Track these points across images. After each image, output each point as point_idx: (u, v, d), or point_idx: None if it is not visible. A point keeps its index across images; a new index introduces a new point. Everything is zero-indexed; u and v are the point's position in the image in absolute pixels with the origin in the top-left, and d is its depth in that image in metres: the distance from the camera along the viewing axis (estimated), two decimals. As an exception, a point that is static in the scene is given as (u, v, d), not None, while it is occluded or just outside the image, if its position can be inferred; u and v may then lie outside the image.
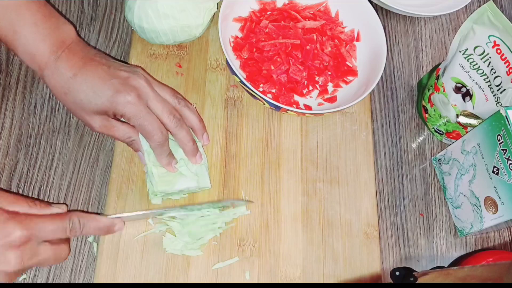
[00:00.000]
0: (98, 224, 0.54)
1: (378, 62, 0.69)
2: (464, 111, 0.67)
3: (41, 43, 0.56)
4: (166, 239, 0.60)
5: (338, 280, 0.61)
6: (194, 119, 0.62)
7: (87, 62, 0.57)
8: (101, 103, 0.56)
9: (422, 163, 0.72)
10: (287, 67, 0.69)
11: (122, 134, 0.59)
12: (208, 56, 0.72)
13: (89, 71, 0.57)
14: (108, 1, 0.75)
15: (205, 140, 0.64)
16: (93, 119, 0.58)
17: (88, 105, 0.57)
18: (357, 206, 0.66)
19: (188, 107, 0.62)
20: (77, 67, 0.57)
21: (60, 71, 0.56)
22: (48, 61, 0.57)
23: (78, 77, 0.56)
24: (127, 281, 0.58)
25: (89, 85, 0.56)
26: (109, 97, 0.56)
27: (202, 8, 0.67)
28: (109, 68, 0.58)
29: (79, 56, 0.57)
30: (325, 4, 0.76)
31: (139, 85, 0.57)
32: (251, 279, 0.60)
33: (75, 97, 0.56)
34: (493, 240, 0.69)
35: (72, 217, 0.52)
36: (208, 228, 0.61)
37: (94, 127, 0.59)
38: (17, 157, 0.64)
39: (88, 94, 0.56)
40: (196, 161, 0.62)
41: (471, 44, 0.65)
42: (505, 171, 0.57)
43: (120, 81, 0.57)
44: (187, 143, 0.60)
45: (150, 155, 0.60)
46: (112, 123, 0.59)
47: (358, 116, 0.71)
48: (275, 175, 0.66)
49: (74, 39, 0.59)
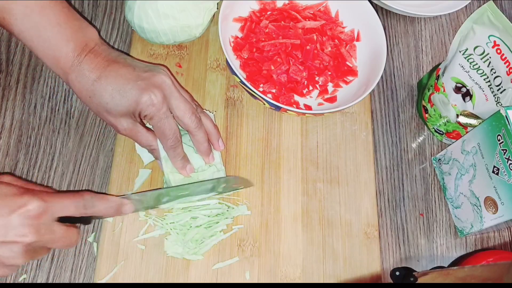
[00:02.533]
0: (109, 204, 0.55)
1: (378, 62, 0.69)
2: (464, 111, 0.67)
3: (65, 44, 0.56)
4: (168, 242, 0.60)
5: (338, 280, 0.61)
6: (209, 124, 0.63)
7: (111, 64, 0.57)
8: (128, 104, 0.56)
9: (422, 163, 0.72)
10: (287, 67, 0.69)
11: (145, 140, 0.59)
12: (208, 56, 0.72)
13: (113, 72, 0.56)
14: (108, 1, 0.75)
15: (220, 145, 0.64)
16: (119, 122, 0.58)
17: (114, 107, 0.56)
18: (357, 206, 0.66)
19: (203, 113, 0.63)
20: (101, 69, 0.56)
21: (85, 74, 0.56)
22: (73, 65, 0.56)
23: (103, 79, 0.56)
24: (127, 281, 0.58)
25: (114, 86, 0.56)
26: (135, 99, 0.56)
27: (202, 8, 0.67)
28: (134, 70, 0.57)
29: (103, 58, 0.57)
30: (325, 4, 0.76)
31: (164, 84, 0.57)
32: (251, 279, 0.60)
33: (101, 100, 0.56)
34: (493, 240, 0.69)
35: (84, 194, 0.53)
36: (209, 234, 0.61)
37: (119, 129, 0.59)
38: (17, 157, 0.64)
39: (114, 96, 0.56)
40: (209, 161, 0.63)
41: (471, 44, 0.65)
42: (505, 171, 0.57)
43: (145, 81, 0.57)
44: (203, 143, 0.61)
45: (168, 162, 0.61)
46: (138, 128, 0.59)
47: (358, 116, 0.71)
48: (275, 175, 0.66)
49: (97, 42, 0.59)
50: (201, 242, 0.60)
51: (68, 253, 0.60)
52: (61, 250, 0.60)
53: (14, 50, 0.70)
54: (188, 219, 0.60)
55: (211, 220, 0.61)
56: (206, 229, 0.61)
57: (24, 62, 0.69)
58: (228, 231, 0.62)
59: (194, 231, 0.60)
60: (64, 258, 0.60)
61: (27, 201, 0.47)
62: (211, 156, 0.63)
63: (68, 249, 0.60)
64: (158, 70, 0.59)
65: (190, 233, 0.60)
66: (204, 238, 0.60)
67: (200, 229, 0.60)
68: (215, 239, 0.61)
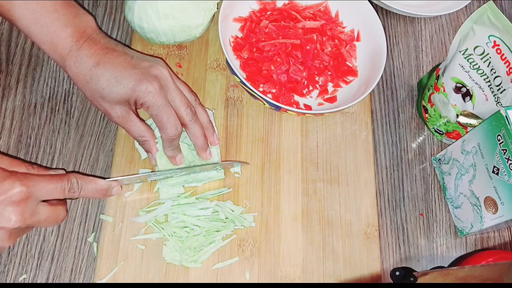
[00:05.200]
0: (96, 186, 0.55)
1: (378, 62, 0.69)
2: (464, 111, 0.67)
3: (63, 30, 0.57)
4: (166, 248, 0.60)
5: (338, 280, 0.61)
6: (205, 118, 0.63)
7: (109, 51, 0.58)
8: (124, 92, 0.56)
9: (422, 163, 0.72)
10: (287, 67, 0.69)
11: (137, 130, 0.59)
12: (208, 56, 0.72)
13: (112, 59, 0.57)
14: (108, 1, 0.75)
15: (215, 139, 0.64)
16: (113, 108, 0.58)
17: (109, 93, 0.57)
18: (357, 206, 0.66)
19: (201, 105, 0.63)
20: (100, 56, 0.57)
21: (83, 60, 0.57)
22: (71, 51, 0.57)
23: (101, 65, 0.56)
24: (127, 281, 0.58)
25: (112, 73, 0.56)
26: (132, 86, 0.56)
27: (202, 8, 0.67)
28: (131, 58, 0.58)
29: (101, 46, 0.58)
30: (325, 4, 0.76)
31: (162, 75, 0.58)
32: (251, 279, 0.60)
33: (97, 85, 0.57)
34: (493, 240, 0.69)
35: (70, 177, 0.52)
36: (208, 242, 0.60)
37: (112, 116, 0.59)
38: (17, 157, 0.64)
39: (111, 82, 0.56)
40: (206, 157, 0.63)
41: (471, 44, 0.65)
42: (505, 171, 0.57)
43: (142, 70, 0.57)
44: (199, 137, 0.61)
45: (162, 158, 0.61)
46: (131, 117, 0.59)
47: (358, 116, 0.71)
48: (275, 175, 0.66)
49: (95, 29, 0.60)
50: (199, 250, 0.60)
51: (68, 253, 0.60)
52: (61, 250, 0.60)
53: (14, 50, 0.70)
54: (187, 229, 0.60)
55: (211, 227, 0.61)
56: (205, 237, 0.60)
57: (24, 62, 0.69)
58: (227, 238, 0.61)
59: (193, 239, 0.60)
60: (64, 258, 0.60)
61: (9, 187, 0.47)
62: (208, 152, 0.63)
63: (68, 249, 0.60)
64: (156, 61, 0.59)
65: (189, 241, 0.59)
66: (203, 245, 0.60)
67: (199, 237, 0.60)
68: (214, 247, 0.60)
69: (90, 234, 0.61)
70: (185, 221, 0.60)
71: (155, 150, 0.61)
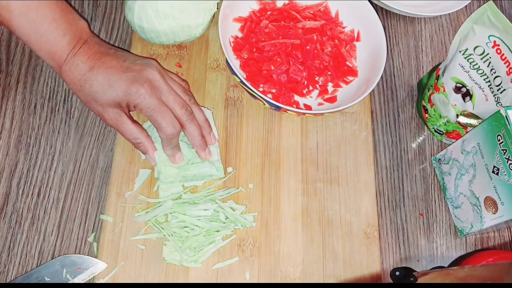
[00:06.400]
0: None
1: (378, 62, 0.69)
2: (464, 111, 0.67)
3: (61, 39, 0.58)
4: (166, 248, 0.60)
5: (338, 280, 0.61)
6: (202, 117, 0.63)
7: (103, 55, 0.59)
8: (116, 95, 0.57)
9: (422, 163, 0.72)
10: (287, 67, 0.69)
11: (130, 133, 0.60)
12: (208, 56, 0.72)
13: (105, 63, 0.58)
14: (108, 1, 0.75)
15: (212, 138, 0.64)
16: (106, 111, 0.59)
17: (102, 96, 0.58)
18: (357, 206, 0.66)
19: (197, 105, 0.64)
20: (94, 61, 0.58)
21: (78, 65, 0.58)
22: (67, 58, 0.58)
23: (95, 70, 0.58)
24: (127, 281, 0.58)
25: (105, 77, 0.57)
26: (123, 89, 0.57)
27: (202, 8, 0.67)
28: (124, 61, 0.59)
29: (95, 51, 0.59)
30: (325, 4, 0.76)
31: (153, 77, 0.59)
32: (251, 279, 0.60)
33: (90, 89, 0.58)
34: (493, 240, 0.68)
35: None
36: (208, 242, 0.60)
37: (106, 119, 0.59)
38: (17, 157, 0.64)
39: (104, 86, 0.57)
40: (205, 156, 0.63)
41: (471, 44, 0.65)
42: (505, 171, 0.57)
43: (134, 73, 0.58)
44: (197, 136, 0.61)
45: (161, 157, 0.61)
46: (124, 119, 0.59)
47: (358, 116, 0.71)
48: (275, 175, 0.66)
49: (89, 34, 0.61)
50: (199, 250, 0.60)
51: (68, 253, 0.60)
52: (61, 250, 0.60)
53: (14, 50, 0.70)
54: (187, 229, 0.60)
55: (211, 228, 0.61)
56: (205, 237, 0.60)
57: (24, 62, 0.69)
58: (227, 238, 0.62)
59: (193, 239, 0.60)
60: (64, 258, 0.60)
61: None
62: (207, 151, 0.63)
63: (68, 249, 0.60)
64: (148, 64, 0.60)
65: (189, 241, 0.59)
66: (203, 245, 0.60)
67: (199, 237, 0.60)
68: (214, 247, 0.60)
69: (90, 234, 0.61)
70: (185, 221, 0.60)
71: (152, 151, 0.61)
